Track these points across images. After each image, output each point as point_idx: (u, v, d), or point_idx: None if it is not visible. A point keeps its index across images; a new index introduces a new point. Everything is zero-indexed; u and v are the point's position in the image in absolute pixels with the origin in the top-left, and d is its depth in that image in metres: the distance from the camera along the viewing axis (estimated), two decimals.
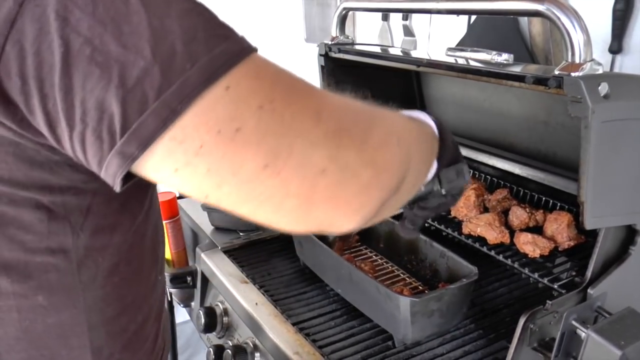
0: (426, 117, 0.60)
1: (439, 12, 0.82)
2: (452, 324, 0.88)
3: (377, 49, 1.07)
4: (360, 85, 1.20)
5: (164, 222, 0.92)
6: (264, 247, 1.22)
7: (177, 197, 1.31)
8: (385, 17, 1.66)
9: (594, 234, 0.74)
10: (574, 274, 0.82)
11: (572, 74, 0.64)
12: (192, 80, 0.36)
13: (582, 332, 0.68)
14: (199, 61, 0.37)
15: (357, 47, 1.08)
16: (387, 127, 0.46)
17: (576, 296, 0.73)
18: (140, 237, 0.59)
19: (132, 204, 0.56)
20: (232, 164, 0.37)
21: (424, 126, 0.58)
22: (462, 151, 1.14)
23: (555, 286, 0.80)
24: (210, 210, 1.27)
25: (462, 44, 1.30)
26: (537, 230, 0.93)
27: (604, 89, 0.63)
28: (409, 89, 1.28)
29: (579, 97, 0.63)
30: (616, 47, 1.05)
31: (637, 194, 0.72)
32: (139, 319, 0.63)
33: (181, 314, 1.65)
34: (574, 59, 0.64)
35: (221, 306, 1.10)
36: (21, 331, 0.53)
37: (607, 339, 0.65)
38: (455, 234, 1.02)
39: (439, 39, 1.47)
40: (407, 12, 1.50)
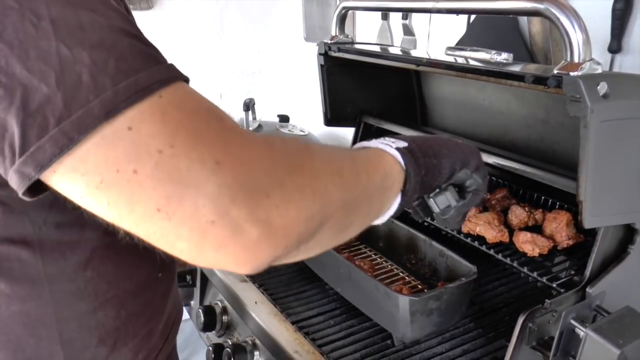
0: (388, 149, 0.58)
1: (438, 11, 0.82)
2: (451, 322, 0.88)
3: (377, 48, 1.07)
4: (359, 84, 1.20)
5: None
6: None
7: None
8: (385, 16, 1.66)
9: (593, 233, 0.75)
10: (572, 273, 0.82)
11: (571, 74, 0.64)
12: (93, 112, 0.37)
13: (581, 331, 0.68)
14: (103, 94, 0.37)
15: (357, 46, 1.08)
16: (304, 178, 0.43)
17: (575, 295, 0.73)
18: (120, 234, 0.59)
19: None
20: (128, 203, 0.38)
21: (374, 163, 0.55)
22: None
23: (554, 285, 0.80)
24: None
25: (462, 43, 1.30)
26: (536, 229, 0.93)
27: (603, 88, 0.63)
28: (408, 88, 1.28)
29: (578, 96, 0.62)
30: (615, 46, 1.04)
31: (636, 193, 0.72)
32: (123, 315, 0.63)
33: None
34: (573, 58, 0.64)
35: (220, 305, 1.10)
36: None
37: (605, 338, 0.65)
38: (454, 232, 1.02)
39: (438, 38, 1.47)
40: (406, 12, 1.50)
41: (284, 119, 1.93)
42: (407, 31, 1.57)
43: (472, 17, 1.33)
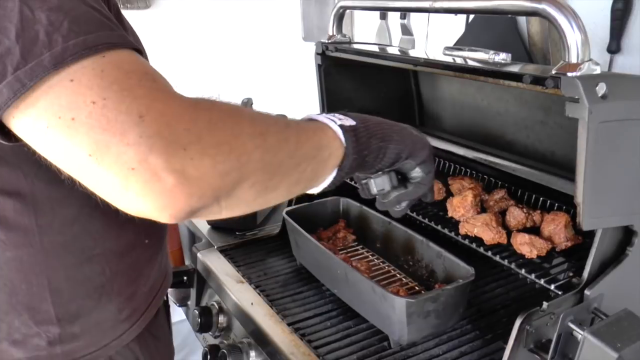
0: (331, 124, 0.60)
1: (436, 11, 0.82)
2: (448, 324, 0.88)
3: (375, 48, 1.06)
4: (357, 84, 1.20)
5: None
6: (261, 246, 1.21)
7: None
8: (383, 16, 1.65)
9: (591, 234, 0.74)
10: (571, 275, 0.82)
11: (570, 74, 0.63)
12: (43, 63, 0.43)
13: (579, 333, 0.67)
14: (54, 49, 0.43)
15: (355, 45, 1.07)
16: (224, 136, 0.47)
17: (573, 297, 0.73)
18: None
19: None
20: (65, 149, 0.43)
21: (310, 134, 0.58)
22: (460, 151, 1.15)
23: (552, 287, 0.80)
24: None
25: (460, 43, 1.30)
26: (534, 230, 0.92)
27: (601, 89, 0.62)
28: (406, 88, 1.27)
29: (576, 97, 0.62)
30: (615, 47, 1.04)
31: (634, 195, 0.72)
32: (107, 273, 0.69)
33: (177, 314, 1.64)
34: (572, 58, 0.64)
35: (217, 306, 1.10)
36: None
37: (603, 341, 0.64)
38: (452, 234, 1.01)
39: (436, 38, 1.47)
40: (405, 11, 1.50)
41: None
42: (406, 31, 1.57)
43: (471, 17, 1.33)
